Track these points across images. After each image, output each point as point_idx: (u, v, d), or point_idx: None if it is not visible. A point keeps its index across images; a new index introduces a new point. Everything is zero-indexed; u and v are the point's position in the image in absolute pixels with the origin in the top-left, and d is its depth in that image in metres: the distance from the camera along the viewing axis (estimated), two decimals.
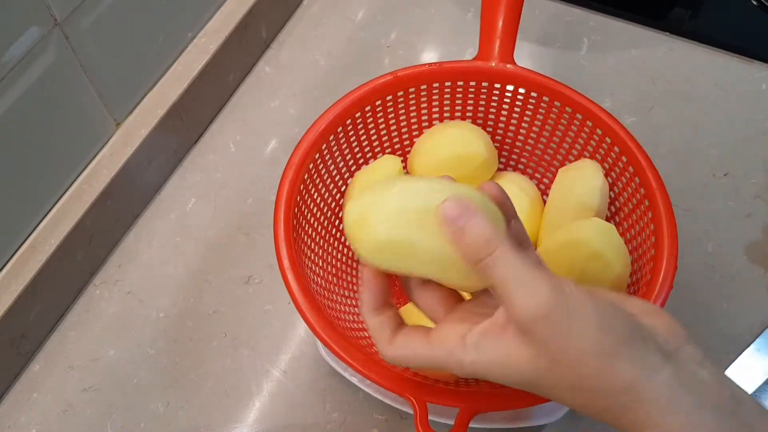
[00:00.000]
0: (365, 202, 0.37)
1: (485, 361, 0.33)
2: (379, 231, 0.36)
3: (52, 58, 0.55)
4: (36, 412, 0.60)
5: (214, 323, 0.64)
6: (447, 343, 0.35)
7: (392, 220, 0.35)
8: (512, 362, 0.32)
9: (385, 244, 0.36)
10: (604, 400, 0.31)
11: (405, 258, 0.36)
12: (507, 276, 0.31)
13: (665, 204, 0.50)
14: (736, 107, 0.73)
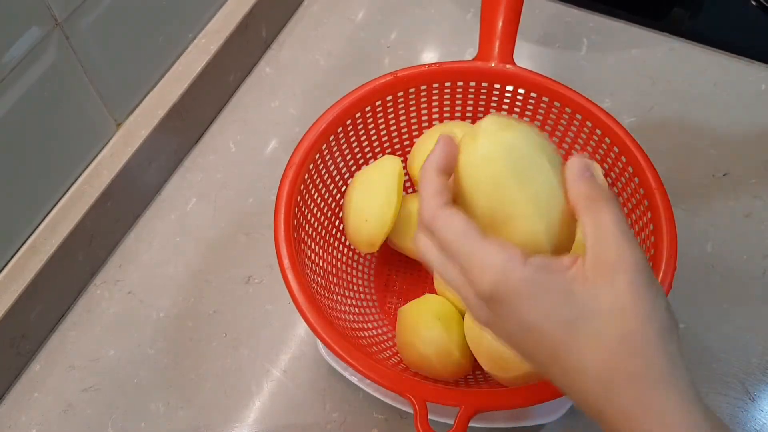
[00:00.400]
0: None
1: (535, 285, 0.31)
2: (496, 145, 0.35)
3: (52, 58, 0.55)
4: (36, 412, 0.60)
5: (214, 323, 0.64)
6: (507, 247, 0.32)
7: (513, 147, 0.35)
8: (560, 297, 0.31)
9: (494, 160, 0.35)
10: (649, 352, 0.31)
11: (503, 185, 0.35)
12: (613, 223, 0.32)
13: (665, 204, 0.50)
14: (736, 107, 0.73)
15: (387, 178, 0.56)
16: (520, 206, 0.34)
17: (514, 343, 0.34)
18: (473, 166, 0.35)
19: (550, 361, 0.32)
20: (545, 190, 0.34)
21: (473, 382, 0.55)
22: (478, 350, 0.50)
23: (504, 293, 0.31)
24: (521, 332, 0.32)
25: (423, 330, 0.52)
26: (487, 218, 0.35)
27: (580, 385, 0.32)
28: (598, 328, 0.31)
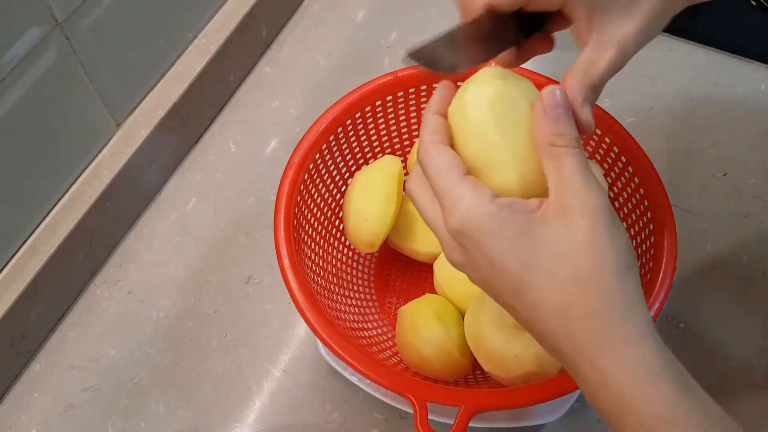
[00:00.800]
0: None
1: (497, 221, 0.32)
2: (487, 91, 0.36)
3: (52, 58, 0.55)
4: (36, 412, 0.60)
5: (214, 323, 0.64)
6: (478, 187, 0.33)
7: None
8: (521, 234, 0.32)
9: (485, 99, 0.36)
10: (601, 308, 0.31)
11: (490, 130, 0.35)
12: (574, 169, 0.32)
13: (664, 204, 0.50)
14: (735, 107, 0.73)
15: (387, 178, 0.56)
16: (500, 154, 0.35)
17: (482, 281, 0.35)
18: (460, 111, 0.36)
19: (513, 298, 0.33)
20: (527, 144, 0.35)
21: (473, 382, 0.55)
22: (478, 350, 0.51)
23: (469, 229, 0.33)
24: (486, 268, 0.33)
25: (423, 330, 0.52)
26: (471, 163, 0.36)
27: (539, 322, 0.33)
28: (554, 266, 0.32)
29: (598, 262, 0.31)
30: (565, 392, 0.45)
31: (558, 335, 0.32)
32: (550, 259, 0.32)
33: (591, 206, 0.32)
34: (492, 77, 0.37)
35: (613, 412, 0.31)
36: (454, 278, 0.56)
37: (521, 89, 0.36)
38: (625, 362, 0.31)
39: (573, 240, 0.31)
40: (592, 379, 0.31)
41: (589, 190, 0.32)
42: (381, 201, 0.55)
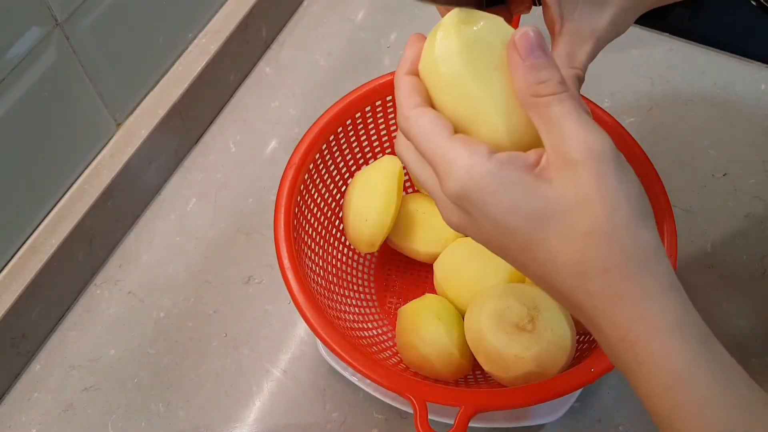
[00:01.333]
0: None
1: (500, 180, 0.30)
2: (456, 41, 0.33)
3: (52, 58, 0.55)
4: (36, 412, 0.60)
5: (214, 323, 0.64)
6: (471, 144, 0.31)
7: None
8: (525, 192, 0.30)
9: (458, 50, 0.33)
10: (615, 261, 0.30)
11: (466, 82, 0.33)
12: (566, 115, 0.30)
13: (664, 204, 0.50)
14: (735, 107, 0.73)
15: (387, 178, 0.56)
16: (482, 106, 0.33)
17: (487, 241, 0.33)
18: (432, 67, 0.34)
19: (522, 256, 0.32)
20: (509, 88, 0.32)
21: (473, 382, 0.55)
22: (478, 350, 0.51)
23: (470, 190, 0.31)
24: (492, 228, 0.31)
25: (423, 330, 0.52)
26: (454, 120, 0.33)
27: (553, 279, 0.31)
28: (565, 223, 0.30)
29: (611, 215, 0.29)
30: (565, 392, 0.45)
31: (574, 291, 0.31)
32: (560, 216, 0.30)
33: (593, 153, 0.29)
34: (459, 23, 0.33)
35: (629, 366, 0.30)
36: (454, 278, 0.56)
37: (493, 29, 0.33)
38: (643, 317, 0.29)
39: (581, 194, 0.29)
40: (609, 334, 0.30)
41: (588, 134, 0.30)
42: (381, 201, 0.55)
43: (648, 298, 0.29)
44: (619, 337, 0.30)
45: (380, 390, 0.55)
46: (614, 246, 0.29)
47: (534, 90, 0.31)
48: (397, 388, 0.45)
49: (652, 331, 0.29)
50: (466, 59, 0.32)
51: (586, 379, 0.45)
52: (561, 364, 0.48)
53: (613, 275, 0.30)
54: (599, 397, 0.58)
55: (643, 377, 0.30)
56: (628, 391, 0.58)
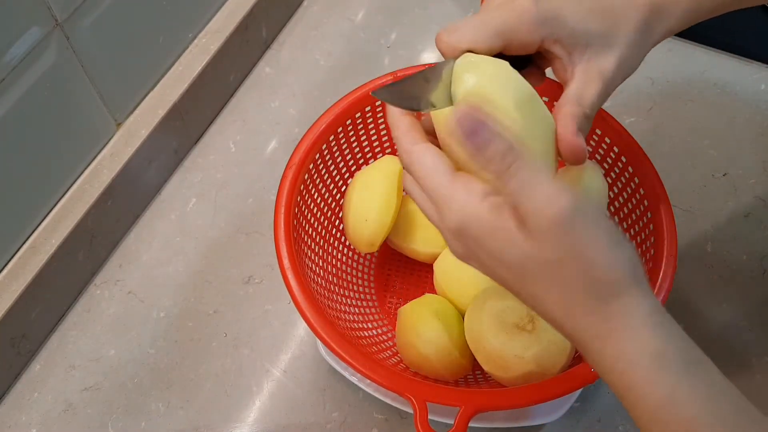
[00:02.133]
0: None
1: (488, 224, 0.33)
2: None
3: (52, 58, 0.55)
4: (36, 412, 0.60)
5: (214, 323, 0.64)
6: (469, 184, 0.34)
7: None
8: (509, 240, 0.33)
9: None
10: (596, 305, 0.32)
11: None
12: (523, 186, 0.31)
13: (664, 204, 0.50)
14: (735, 107, 0.73)
15: (387, 178, 0.56)
16: None
17: (487, 271, 0.35)
18: (438, 117, 0.36)
19: (519, 287, 0.34)
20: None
21: (473, 382, 0.55)
22: (478, 350, 0.51)
23: (467, 228, 0.34)
24: (490, 261, 0.34)
25: (423, 330, 0.52)
26: (455, 160, 0.36)
27: (546, 314, 0.34)
28: (546, 274, 0.33)
29: (586, 271, 0.32)
30: (564, 392, 0.45)
31: (565, 326, 0.34)
32: (540, 269, 0.32)
33: (557, 223, 0.31)
34: (464, 71, 0.36)
35: (620, 393, 0.33)
36: (454, 278, 0.56)
37: (494, 78, 0.36)
38: (623, 353, 0.32)
39: (556, 256, 0.32)
40: (600, 363, 0.33)
41: (548, 204, 0.31)
42: (381, 201, 0.55)
43: (627, 335, 0.32)
44: (607, 369, 0.33)
45: (380, 390, 0.55)
46: (591, 294, 0.32)
47: (486, 168, 0.32)
48: (397, 388, 0.45)
49: (633, 365, 0.32)
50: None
51: (586, 379, 0.45)
52: (561, 364, 0.48)
53: (594, 318, 0.32)
54: (599, 397, 0.58)
55: (632, 403, 0.32)
56: None
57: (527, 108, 0.36)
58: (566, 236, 0.31)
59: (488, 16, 0.38)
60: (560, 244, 0.31)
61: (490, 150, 0.32)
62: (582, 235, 0.31)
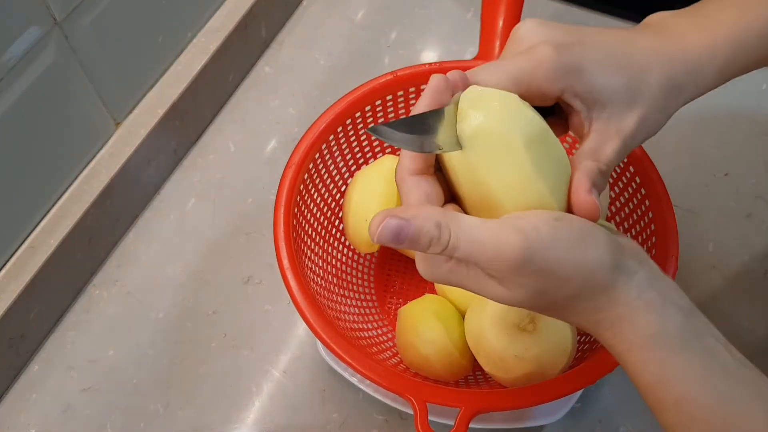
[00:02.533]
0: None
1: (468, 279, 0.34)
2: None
3: (51, 57, 0.55)
4: (35, 413, 0.60)
5: (214, 323, 0.64)
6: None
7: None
8: (497, 291, 0.34)
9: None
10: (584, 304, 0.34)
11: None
12: (471, 251, 0.32)
13: (665, 204, 0.50)
14: (736, 107, 0.73)
15: (387, 177, 0.56)
16: (496, 197, 0.34)
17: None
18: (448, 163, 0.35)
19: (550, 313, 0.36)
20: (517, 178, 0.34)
21: (473, 382, 0.55)
22: (479, 351, 0.50)
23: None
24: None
25: (423, 330, 0.52)
26: (468, 202, 0.36)
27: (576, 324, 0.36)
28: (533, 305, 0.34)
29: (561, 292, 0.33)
30: (565, 393, 0.45)
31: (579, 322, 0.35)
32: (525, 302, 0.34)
33: (506, 271, 0.32)
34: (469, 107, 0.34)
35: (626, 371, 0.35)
36: None
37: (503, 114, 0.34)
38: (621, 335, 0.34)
39: (526, 296, 0.33)
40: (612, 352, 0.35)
41: (487, 257, 0.32)
42: (381, 201, 0.54)
43: (621, 322, 0.34)
44: (609, 347, 0.35)
45: (380, 391, 0.55)
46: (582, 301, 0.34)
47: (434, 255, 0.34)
48: (397, 388, 0.44)
49: (628, 345, 0.34)
50: (478, 152, 0.34)
51: (587, 380, 0.45)
52: (562, 364, 0.48)
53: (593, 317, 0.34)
54: (600, 398, 0.58)
55: (631, 377, 0.35)
56: (629, 392, 0.58)
57: (538, 144, 0.34)
58: (531, 274, 0.32)
59: (506, 62, 0.36)
60: (529, 282, 0.32)
61: (422, 243, 0.32)
62: (542, 265, 0.32)
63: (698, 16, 0.40)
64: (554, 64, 0.35)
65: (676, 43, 0.39)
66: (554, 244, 0.32)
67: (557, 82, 0.36)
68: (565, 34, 0.37)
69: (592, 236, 0.33)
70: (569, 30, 0.37)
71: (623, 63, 0.37)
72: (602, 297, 0.33)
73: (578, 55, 0.36)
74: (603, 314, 0.34)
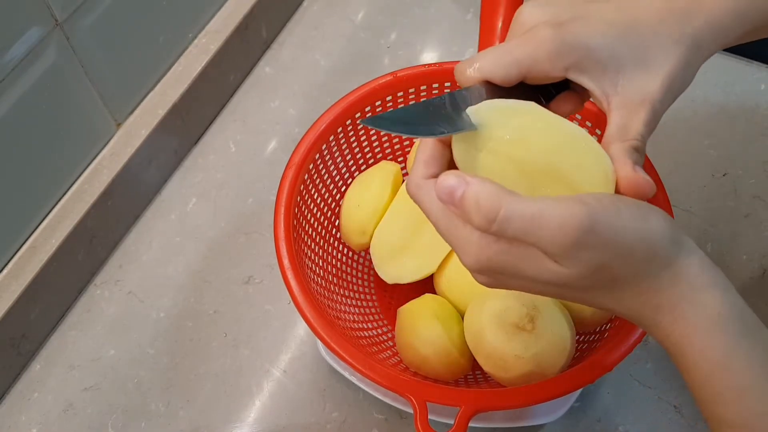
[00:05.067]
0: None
1: (517, 260, 0.32)
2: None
3: (52, 58, 0.55)
4: (37, 412, 0.60)
5: (214, 323, 0.64)
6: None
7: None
8: (550, 269, 0.32)
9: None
10: (646, 282, 0.32)
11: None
12: (527, 226, 0.30)
13: (664, 204, 0.50)
14: (735, 107, 0.73)
15: (383, 172, 0.56)
16: (550, 165, 0.34)
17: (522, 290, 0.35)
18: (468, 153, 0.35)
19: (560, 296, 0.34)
20: (564, 140, 0.34)
21: (473, 381, 0.55)
22: (478, 350, 0.50)
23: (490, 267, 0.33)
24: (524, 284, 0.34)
25: (422, 330, 0.52)
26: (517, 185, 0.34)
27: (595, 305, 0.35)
28: (587, 285, 0.32)
29: (622, 263, 0.31)
30: (564, 392, 0.45)
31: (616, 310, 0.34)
32: (581, 282, 0.32)
33: (568, 249, 0.30)
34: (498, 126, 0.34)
35: (676, 359, 0.33)
36: (454, 278, 0.56)
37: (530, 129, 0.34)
38: (682, 318, 0.32)
39: (584, 272, 0.32)
40: (655, 335, 0.33)
41: (547, 233, 0.30)
42: (375, 191, 0.56)
43: (683, 302, 0.32)
44: (664, 336, 0.33)
45: (380, 390, 0.55)
46: (641, 277, 0.32)
47: (485, 229, 0.31)
48: (397, 388, 0.45)
49: (690, 329, 0.32)
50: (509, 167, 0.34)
51: (586, 379, 0.45)
52: (561, 364, 0.48)
53: (647, 296, 0.32)
54: (599, 397, 0.58)
55: (686, 368, 0.32)
56: (629, 391, 0.58)
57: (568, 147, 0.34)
58: (594, 246, 0.30)
59: (507, 45, 0.36)
60: (593, 256, 0.31)
61: (474, 219, 0.31)
62: (607, 235, 0.30)
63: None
64: (554, 44, 0.35)
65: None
66: (619, 213, 0.31)
67: (559, 61, 0.35)
68: (564, 12, 0.36)
69: (651, 209, 0.32)
70: (570, 6, 0.36)
71: (630, 27, 0.35)
72: (665, 272, 0.31)
73: (578, 30, 0.35)
74: (665, 294, 0.32)
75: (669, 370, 0.59)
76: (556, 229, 0.30)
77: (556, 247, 0.30)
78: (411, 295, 0.60)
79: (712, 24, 0.36)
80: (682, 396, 0.58)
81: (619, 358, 0.45)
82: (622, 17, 0.36)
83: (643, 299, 0.32)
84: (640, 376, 0.59)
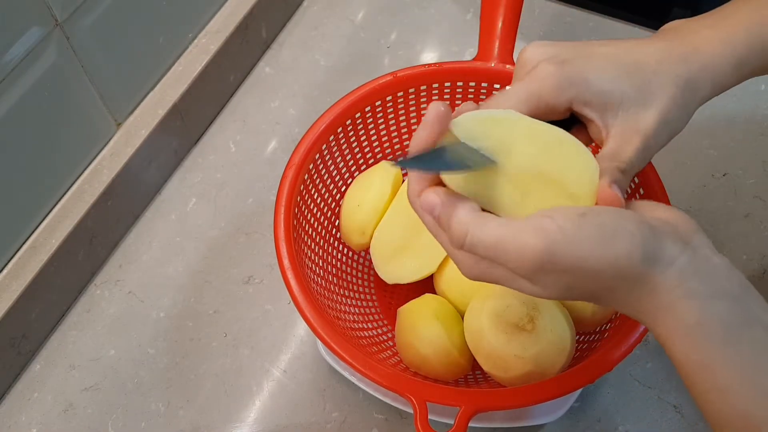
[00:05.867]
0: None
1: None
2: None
3: (52, 58, 0.55)
4: (37, 412, 0.60)
5: (214, 323, 0.64)
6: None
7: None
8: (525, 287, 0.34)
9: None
10: (622, 295, 0.33)
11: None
12: (494, 254, 0.33)
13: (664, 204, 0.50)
14: (734, 108, 0.73)
15: (383, 173, 0.56)
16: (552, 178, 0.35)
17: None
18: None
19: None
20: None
21: (473, 381, 0.55)
22: (478, 350, 0.51)
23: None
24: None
25: (422, 330, 0.52)
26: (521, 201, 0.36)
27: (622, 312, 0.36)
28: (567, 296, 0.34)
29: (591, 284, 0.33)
30: (564, 392, 0.45)
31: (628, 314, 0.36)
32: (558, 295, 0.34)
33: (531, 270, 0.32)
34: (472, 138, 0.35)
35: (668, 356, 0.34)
36: (453, 278, 0.56)
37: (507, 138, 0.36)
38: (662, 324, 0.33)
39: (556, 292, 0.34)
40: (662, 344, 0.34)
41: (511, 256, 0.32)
42: (375, 191, 0.56)
43: (661, 311, 0.33)
44: (660, 340, 0.34)
45: (380, 390, 0.55)
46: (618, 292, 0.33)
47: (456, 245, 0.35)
48: (397, 388, 0.45)
49: (672, 333, 0.33)
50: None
51: (586, 379, 0.45)
52: (560, 364, 0.48)
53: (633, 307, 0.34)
54: (599, 397, 0.58)
55: (678, 369, 0.34)
56: (628, 391, 0.58)
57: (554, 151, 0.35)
58: (557, 272, 0.32)
59: (513, 87, 0.38)
60: (558, 279, 0.33)
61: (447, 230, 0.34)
62: (567, 262, 0.32)
63: (714, 17, 0.40)
64: (556, 79, 0.37)
65: (688, 42, 0.39)
66: (578, 243, 0.32)
67: (562, 95, 0.37)
68: (567, 51, 0.38)
69: (619, 230, 0.32)
70: (573, 46, 0.38)
71: (631, 67, 0.37)
72: (639, 288, 0.33)
73: (580, 66, 0.37)
74: (644, 302, 0.33)
75: (669, 370, 0.59)
76: (515, 257, 0.32)
77: (522, 271, 0.33)
78: (411, 295, 0.60)
79: (709, 68, 0.38)
80: (682, 396, 0.58)
81: (619, 358, 0.45)
82: (622, 58, 0.38)
83: (624, 306, 0.34)
84: (640, 376, 0.59)
